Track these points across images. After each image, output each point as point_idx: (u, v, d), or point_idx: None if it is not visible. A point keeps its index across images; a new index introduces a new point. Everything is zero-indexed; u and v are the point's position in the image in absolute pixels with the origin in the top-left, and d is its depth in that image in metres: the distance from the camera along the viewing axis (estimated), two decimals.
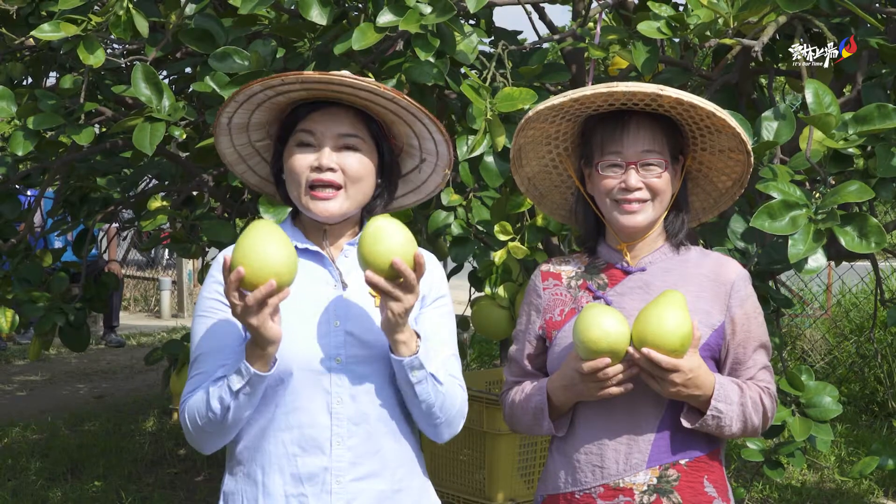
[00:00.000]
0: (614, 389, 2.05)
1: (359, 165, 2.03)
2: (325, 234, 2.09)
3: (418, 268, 1.91)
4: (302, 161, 2.02)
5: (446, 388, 2.03)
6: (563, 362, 2.14)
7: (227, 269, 1.85)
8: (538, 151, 2.26)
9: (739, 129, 2.11)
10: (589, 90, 2.08)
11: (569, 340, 2.15)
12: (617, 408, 2.12)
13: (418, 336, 2.00)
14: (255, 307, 1.83)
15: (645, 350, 1.99)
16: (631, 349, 2.02)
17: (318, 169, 2.01)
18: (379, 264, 1.88)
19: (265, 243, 1.84)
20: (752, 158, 2.17)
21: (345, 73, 2.00)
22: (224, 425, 1.96)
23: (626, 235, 2.19)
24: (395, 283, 1.89)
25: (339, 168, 2.01)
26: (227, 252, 1.91)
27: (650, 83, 2.10)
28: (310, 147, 2.03)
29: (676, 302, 2.01)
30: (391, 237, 1.89)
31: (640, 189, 2.12)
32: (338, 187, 2.02)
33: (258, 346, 1.89)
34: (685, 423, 2.09)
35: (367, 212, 2.13)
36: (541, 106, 2.15)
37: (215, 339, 2.03)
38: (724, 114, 2.09)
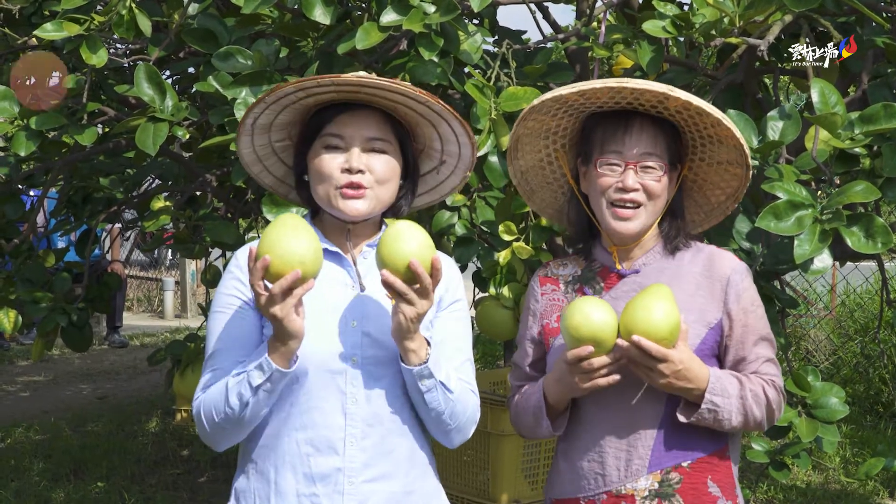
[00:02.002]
0: (601, 381, 2.03)
1: (386, 168, 2.04)
2: (349, 234, 2.09)
3: (435, 273, 1.91)
4: (331, 162, 2.02)
5: (457, 396, 2.02)
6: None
7: (253, 259, 1.85)
8: (535, 145, 2.24)
9: (743, 141, 2.08)
10: (598, 83, 2.05)
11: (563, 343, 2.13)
12: (616, 413, 2.10)
13: (428, 343, 1.99)
14: (279, 297, 1.84)
15: (635, 337, 1.97)
16: (619, 340, 2.00)
17: (349, 171, 2.01)
18: (396, 265, 1.89)
19: (291, 235, 1.85)
20: (751, 172, 2.13)
21: (373, 76, 2.00)
22: (241, 422, 1.96)
23: (618, 239, 2.16)
24: (410, 285, 1.89)
25: (367, 170, 2.02)
26: (254, 244, 1.91)
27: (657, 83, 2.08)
28: (338, 150, 2.03)
29: (663, 294, 2.00)
30: (411, 239, 1.90)
31: (636, 190, 2.09)
32: (366, 188, 2.02)
33: (279, 340, 1.89)
34: (681, 418, 2.06)
35: (391, 213, 2.14)
36: (546, 96, 2.12)
37: (232, 336, 2.03)
38: (730, 123, 2.06)
